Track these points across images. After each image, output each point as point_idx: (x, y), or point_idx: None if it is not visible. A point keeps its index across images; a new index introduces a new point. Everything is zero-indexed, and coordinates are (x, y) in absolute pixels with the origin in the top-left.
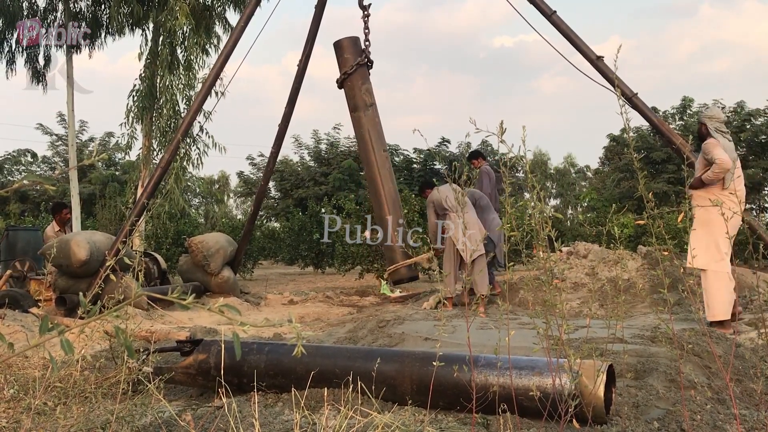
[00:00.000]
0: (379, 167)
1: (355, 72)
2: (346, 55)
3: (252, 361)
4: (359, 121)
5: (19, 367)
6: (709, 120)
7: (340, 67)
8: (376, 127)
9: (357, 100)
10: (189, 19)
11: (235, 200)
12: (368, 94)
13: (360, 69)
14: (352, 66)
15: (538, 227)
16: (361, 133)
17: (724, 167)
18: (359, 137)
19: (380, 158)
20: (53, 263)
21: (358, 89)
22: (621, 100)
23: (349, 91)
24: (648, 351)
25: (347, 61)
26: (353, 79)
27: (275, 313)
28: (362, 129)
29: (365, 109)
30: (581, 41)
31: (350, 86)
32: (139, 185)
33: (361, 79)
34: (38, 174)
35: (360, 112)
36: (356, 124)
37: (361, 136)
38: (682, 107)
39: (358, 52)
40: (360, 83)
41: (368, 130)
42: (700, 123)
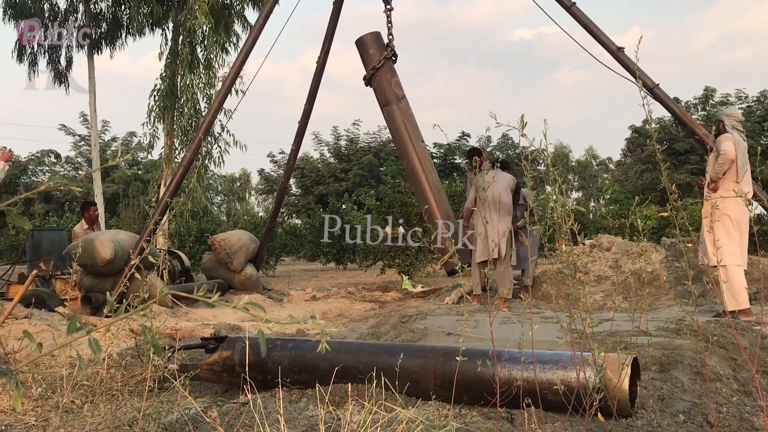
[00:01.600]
0: (419, 158)
1: (382, 66)
2: (370, 51)
3: (276, 358)
4: (392, 115)
5: (47, 365)
6: (727, 118)
7: (365, 64)
8: (410, 119)
9: (388, 94)
10: (208, 18)
11: (257, 197)
12: (398, 87)
13: (387, 63)
14: (380, 60)
15: (561, 221)
16: (396, 126)
17: (728, 157)
18: (394, 131)
19: (419, 149)
20: (78, 262)
21: (388, 83)
22: (643, 91)
23: (379, 86)
24: (673, 343)
25: (373, 56)
26: (381, 74)
27: (298, 309)
28: (397, 123)
29: (397, 102)
30: (601, 32)
31: (379, 81)
32: (161, 184)
33: (390, 73)
34: (62, 175)
35: (392, 106)
36: (389, 119)
37: (396, 130)
38: (705, 97)
39: (382, 46)
40: (389, 77)
41: (403, 122)
42: (717, 121)
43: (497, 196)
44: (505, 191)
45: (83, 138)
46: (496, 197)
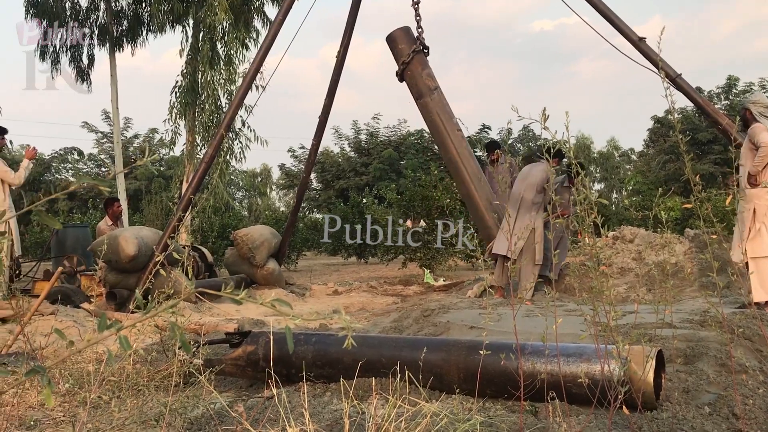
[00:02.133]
0: (456, 148)
1: (412, 60)
2: (400, 46)
3: (300, 352)
4: (427, 107)
5: (73, 361)
6: (754, 105)
7: (396, 59)
8: (445, 109)
9: (420, 87)
10: (228, 14)
11: (278, 192)
12: (430, 79)
13: (417, 56)
14: (409, 54)
15: (584, 213)
16: (431, 118)
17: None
18: (430, 122)
19: (456, 139)
20: (103, 259)
21: (419, 76)
22: (665, 81)
23: (411, 79)
24: (697, 335)
25: (402, 51)
26: (412, 67)
27: (320, 303)
28: (431, 114)
29: (430, 94)
30: (622, 23)
31: (411, 75)
32: (183, 180)
33: (421, 65)
34: (86, 172)
35: (426, 98)
36: (424, 111)
37: (431, 121)
38: (727, 86)
39: (411, 40)
40: (420, 69)
41: (437, 113)
42: (743, 108)
43: (520, 192)
44: (530, 187)
45: (106, 135)
46: (518, 193)
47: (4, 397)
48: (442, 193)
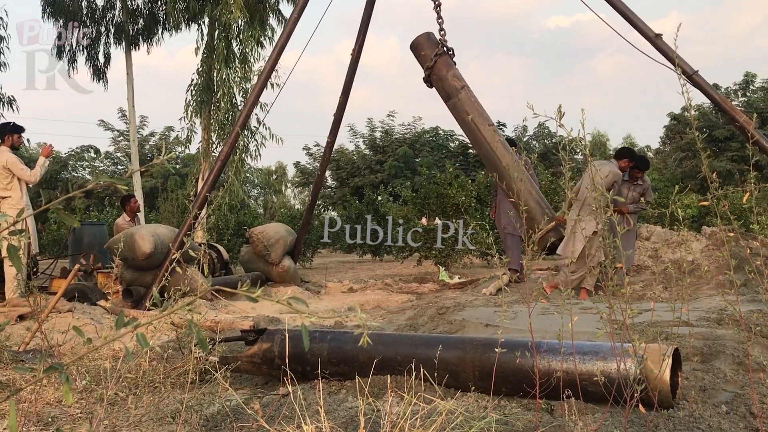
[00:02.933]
0: (490, 143)
1: (436, 63)
2: (423, 51)
3: (315, 350)
4: (456, 107)
5: (90, 358)
6: None
7: (422, 65)
8: (474, 106)
9: (447, 89)
10: (243, 12)
11: (293, 190)
12: (456, 79)
13: (441, 59)
14: (432, 59)
15: (598, 209)
16: (462, 117)
17: None
18: (461, 122)
19: (489, 134)
20: (119, 256)
21: (445, 78)
22: (682, 78)
23: (438, 82)
24: (714, 334)
25: (426, 56)
26: (437, 71)
27: (335, 301)
28: (461, 114)
29: (458, 94)
30: (638, 19)
31: (437, 78)
32: (199, 178)
33: (446, 68)
34: (102, 170)
35: (454, 99)
36: (454, 111)
37: (462, 120)
38: (745, 83)
39: (434, 44)
40: (445, 72)
41: (467, 111)
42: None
43: (583, 193)
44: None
45: (122, 133)
46: (581, 195)
47: (22, 393)
48: (457, 190)
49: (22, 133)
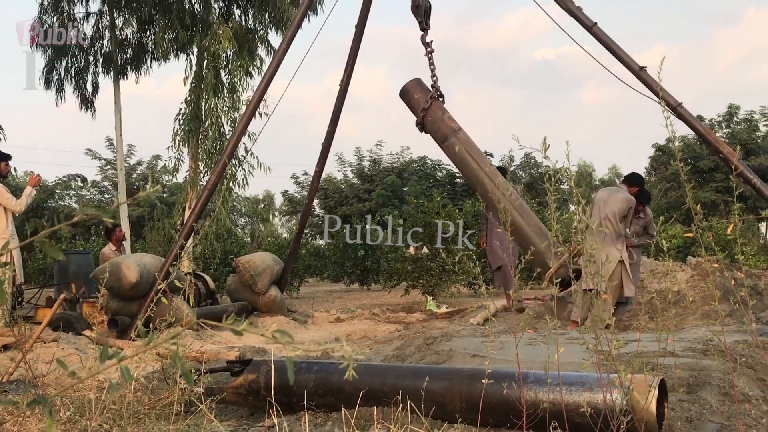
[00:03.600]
0: (492, 180)
1: (431, 106)
2: (415, 96)
3: (301, 381)
4: (453, 149)
5: (74, 389)
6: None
7: (413, 110)
8: (472, 147)
9: (444, 130)
10: (232, 42)
11: (280, 219)
12: (452, 121)
13: (435, 102)
14: (427, 101)
15: (582, 242)
16: (461, 157)
17: None
18: (460, 161)
19: (490, 173)
20: (105, 286)
21: (441, 120)
22: (666, 111)
23: (433, 125)
24: (700, 364)
25: (419, 100)
26: (432, 114)
27: (322, 331)
28: (460, 154)
29: (455, 135)
30: (623, 52)
31: (431, 120)
32: (186, 207)
33: (440, 110)
34: (88, 199)
35: (452, 139)
36: (450, 152)
37: (461, 160)
38: (729, 115)
39: (425, 89)
40: (440, 114)
41: (466, 152)
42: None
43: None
44: (610, 216)
45: (109, 162)
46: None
47: (4, 426)
48: (444, 219)
49: (9, 161)
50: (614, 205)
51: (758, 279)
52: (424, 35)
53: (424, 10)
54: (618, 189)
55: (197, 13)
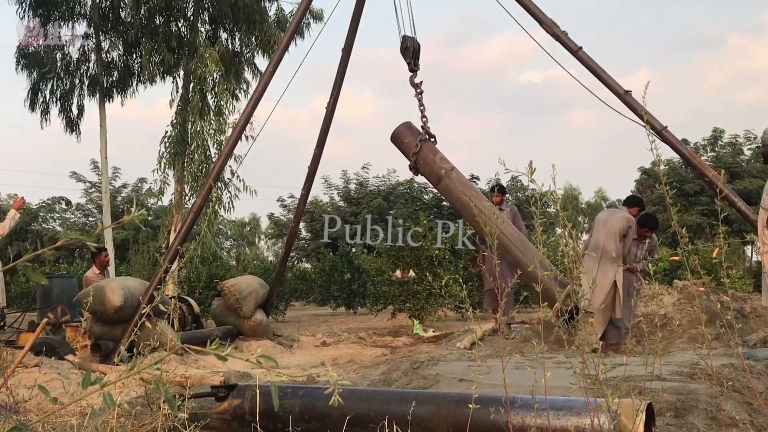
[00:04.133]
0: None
1: (422, 149)
2: (406, 140)
3: (286, 406)
4: (448, 189)
5: (56, 415)
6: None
7: (406, 153)
8: (467, 185)
9: (437, 171)
10: (219, 65)
11: (266, 242)
12: (444, 161)
13: (426, 144)
14: (417, 144)
15: (571, 265)
16: (456, 197)
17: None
18: (456, 201)
19: (487, 210)
20: (88, 310)
21: (433, 162)
22: (651, 135)
23: (426, 167)
24: (687, 388)
25: (410, 144)
26: (423, 156)
27: (308, 355)
28: (455, 194)
29: (448, 175)
30: (609, 76)
31: (424, 163)
32: (171, 230)
33: (431, 152)
34: (72, 222)
35: (445, 180)
36: (446, 193)
37: (457, 200)
38: (713, 138)
39: (415, 132)
40: (432, 155)
41: (461, 191)
42: (765, 146)
43: (600, 241)
44: (610, 236)
45: (94, 185)
46: (597, 242)
47: None
48: (430, 243)
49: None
50: (614, 225)
51: (744, 302)
52: (413, 76)
53: (413, 51)
54: (618, 210)
55: (184, 36)
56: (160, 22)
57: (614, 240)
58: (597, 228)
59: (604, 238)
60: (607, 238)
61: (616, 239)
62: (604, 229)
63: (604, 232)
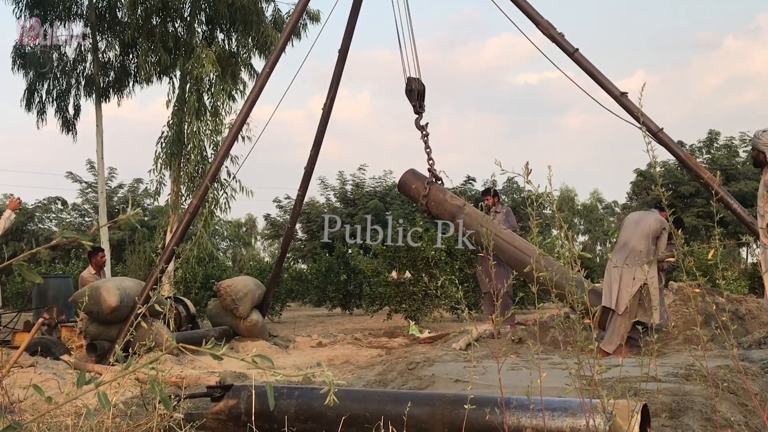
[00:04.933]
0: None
1: (430, 191)
2: (413, 186)
3: (282, 406)
4: (465, 222)
5: (51, 415)
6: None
7: (415, 199)
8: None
9: (450, 210)
10: (215, 66)
11: (263, 243)
12: (455, 199)
13: (433, 187)
14: (425, 187)
15: (567, 266)
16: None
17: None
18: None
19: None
20: (84, 310)
21: (444, 201)
22: (647, 136)
23: (438, 207)
24: (682, 389)
25: (418, 189)
26: (433, 197)
27: (304, 356)
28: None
29: (462, 211)
30: (605, 78)
31: (435, 204)
32: (167, 230)
33: (441, 193)
34: (68, 222)
35: (460, 216)
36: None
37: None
38: (709, 140)
39: (421, 177)
40: (442, 196)
41: (478, 224)
42: (756, 150)
43: (628, 241)
44: (642, 236)
45: (90, 185)
46: (626, 242)
47: None
48: (427, 244)
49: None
50: (647, 226)
51: (739, 304)
52: (418, 119)
53: (418, 93)
54: (651, 211)
55: (180, 37)
56: (156, 23)
57: (647, 241)
58: (627, 228)
59: (634, 238)
60: (638, 238)
61: (648, 241)
62: (635, 229)
63: (636, 233)
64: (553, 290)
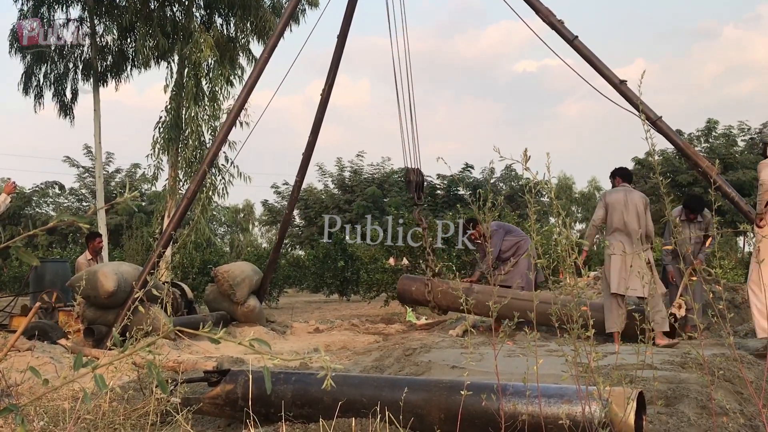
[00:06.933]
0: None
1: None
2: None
3: (279, 392)
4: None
5: (49, 398)
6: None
7: (419, 302)
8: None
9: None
10: (213, 51)
11: (260, 229)
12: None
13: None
14: (426, 284)
15: (565, 254)
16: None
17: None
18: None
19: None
20: (81, 294)
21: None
22: (645, 124)
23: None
24: (678, 377)
25: (419, 289)
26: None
27: (301, 341)
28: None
29: (472, 291)
30: (604, 66)
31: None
32: (165, 215)
33: (442, 284)
34: (66, 206)
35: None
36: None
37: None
38: (707, 129)
39: (416, 278)
40: (445, 286)
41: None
42: (764, 143)
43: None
44: (636, 216)
45: (87, 170)
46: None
47: None
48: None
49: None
50: (637, 204)
51: (736, 292)
52: (418, 211)
53: (416, 185)
54: (627, 188)
55: (178, 21)
56: (154, 7)
57: (642, 219)
58: (615, 211)
59: (632, 220)
60: (631, 218)
61: (641, 218)
62: (627, 208)
63: (630, 212)
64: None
